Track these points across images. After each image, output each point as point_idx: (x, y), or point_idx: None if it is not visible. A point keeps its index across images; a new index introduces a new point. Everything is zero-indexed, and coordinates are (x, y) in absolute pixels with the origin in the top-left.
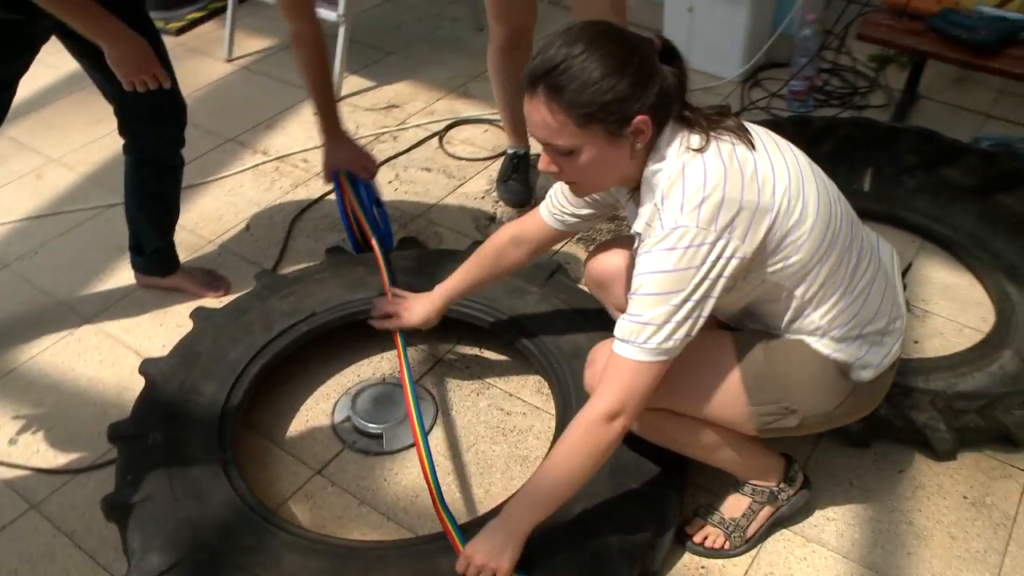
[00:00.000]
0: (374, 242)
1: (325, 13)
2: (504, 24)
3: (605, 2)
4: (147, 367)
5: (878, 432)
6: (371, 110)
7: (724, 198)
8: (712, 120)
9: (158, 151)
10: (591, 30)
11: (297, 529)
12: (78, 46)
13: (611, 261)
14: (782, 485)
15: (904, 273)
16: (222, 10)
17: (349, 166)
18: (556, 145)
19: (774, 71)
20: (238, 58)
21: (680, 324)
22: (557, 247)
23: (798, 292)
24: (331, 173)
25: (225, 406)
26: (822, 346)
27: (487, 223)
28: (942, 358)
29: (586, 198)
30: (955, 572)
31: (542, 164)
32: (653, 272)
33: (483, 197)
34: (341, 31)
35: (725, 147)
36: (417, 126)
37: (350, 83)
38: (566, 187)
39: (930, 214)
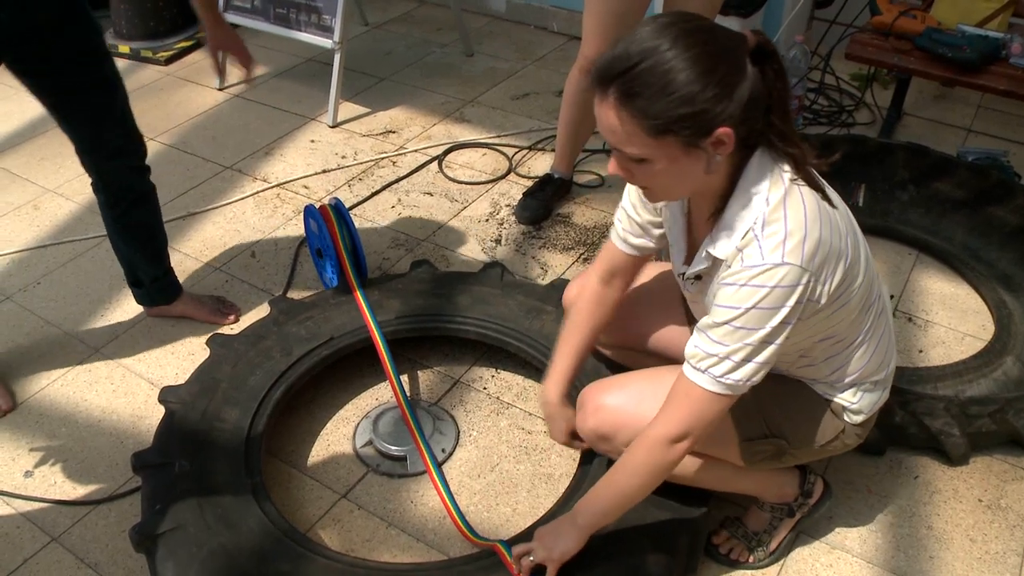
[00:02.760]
0: (353, 283)
1: (320, 41)
2: (595, 48)
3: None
4: (166, 395)
5: (892, 439)
6: (368, 136)
7: (820, 238)
8: (804, 148)
9: (126, 182)
10: (680, 24)
11: (333, 553)
12: (35, 83)
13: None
14: (800, 499)
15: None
16: None
17: (230, 50)
18: (624, 151)
19: None
20: (230, 86)
21: (760, 367)
22: (568, 267)
23: (825, 346)
24: (216, 54)
25: (250, 432)
26: (820, 389)
27: (493, 245)
28: (948, 366)
29: (652, 221)
30: (977, 574)
31: (611, 168)
32: (744, 307)
33: (487, 220)
34: (336, 58)
35: (813, 178)
36: (416, 151)
37: (345, 109)
38: (630, 216)
39: (924, 227)
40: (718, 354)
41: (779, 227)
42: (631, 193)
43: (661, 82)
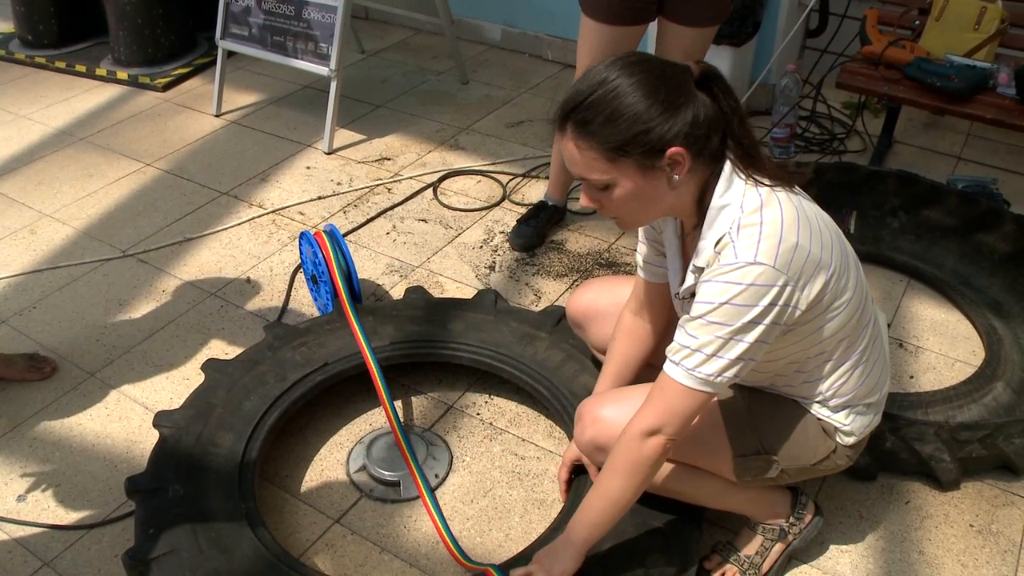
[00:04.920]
0: (348, 309)
1: (317, 68)
2: None
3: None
4: (161, 420)
5: (884, 465)
6: (364, 163)
7: (798, 243)
8: (775, 167)
9: None
10: (624, 59)
11: None
12: None
13: (589, 300)
14: (791, 520)
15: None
16: (207, 66)
17: None
18: (589, 179)
19: (754, 119)
20: (227, 112)
21: (731, 364)
22: (561, 293)
23: (817, 361)
24: None
25: (244, 457)
26: (814, 409)
27: (487, 272)
28: (938, 391)
29: (656, 244)
30: None
31: (582, 201)
32: (718, 302)
33: (481, 247)
34: (332, 85)
35: (792, 194)
36: (411, 178)
37: (341, 136)
38: (645, 243)
39: (915, 253)
40: (690, 346)
41: (754, 230)
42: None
43: (609, 108)
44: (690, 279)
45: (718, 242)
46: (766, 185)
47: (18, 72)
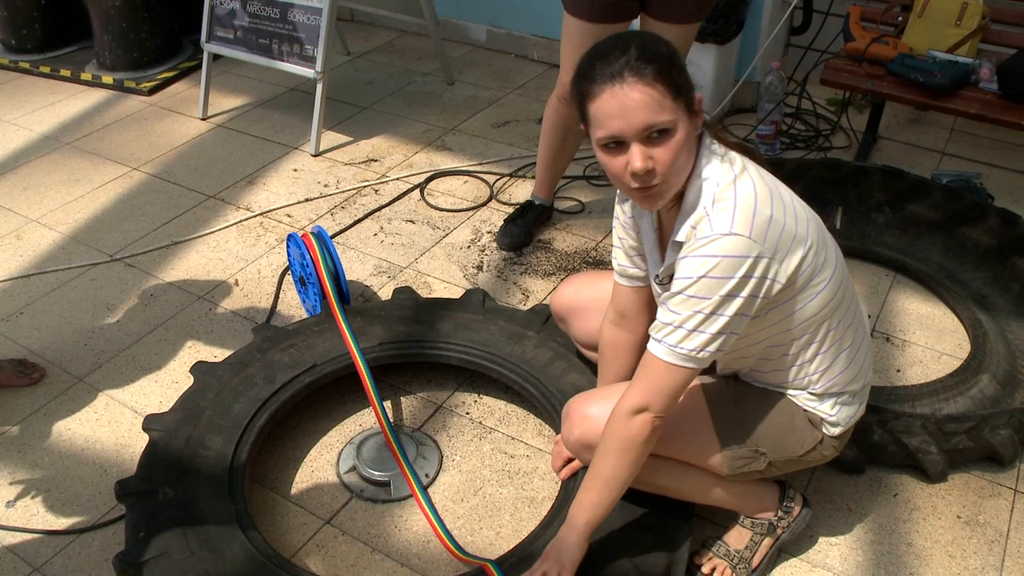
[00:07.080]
0: (336, 310)
1: (302, 71)
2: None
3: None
4: (150, 423)
5: (872, 458)
6: (350, 164)
7: (772, 216)
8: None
9: None
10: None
11: None
12: None
13: (571, 295)
14: (779, 514)
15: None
16: (192, 69)
17: None
18: (657, 123)
19: (739, 116)
20: (213, 116)
21: (712, 338)
22: (549, 292)
23: (803, 341)
24: None
25: (233, 459)
26: (799, 399)
27: (474, 272)
28: (925, 385)
29: (637, 248)
30: None
31: (640, 163)
32: (696, 276)
33: (469, 246)
34: (318, 87)
35: (764, 172)
36: (398, 179)
37: (327, 138)
38: (621, 246)
39: (900, 248)
40: (672, 323)
41: (728, 203)
42: (617, 227)
43: (659, 50)
44: (670, 256)
45: (696, 217)
46: (737, 161)
47: (2, 77)
